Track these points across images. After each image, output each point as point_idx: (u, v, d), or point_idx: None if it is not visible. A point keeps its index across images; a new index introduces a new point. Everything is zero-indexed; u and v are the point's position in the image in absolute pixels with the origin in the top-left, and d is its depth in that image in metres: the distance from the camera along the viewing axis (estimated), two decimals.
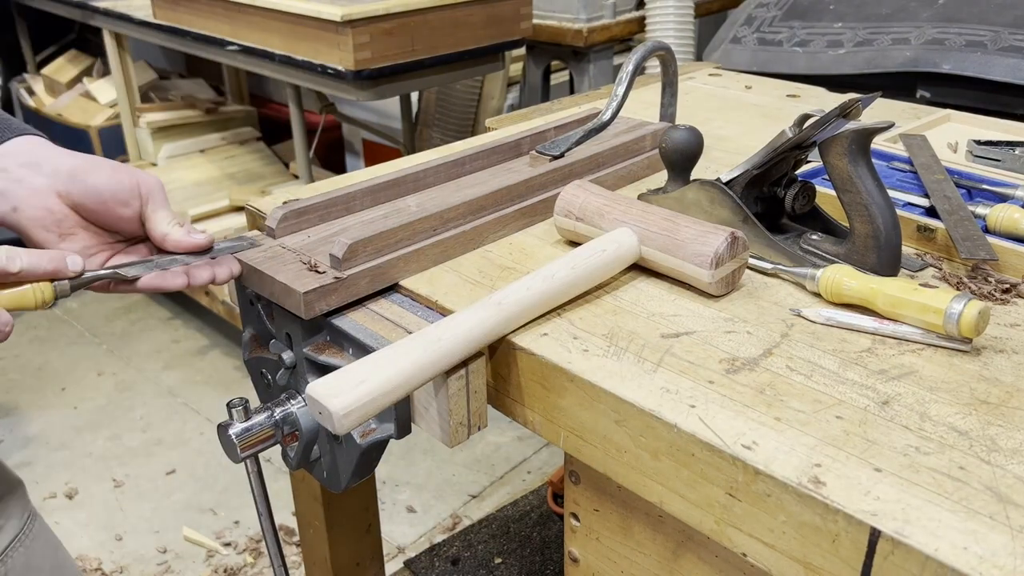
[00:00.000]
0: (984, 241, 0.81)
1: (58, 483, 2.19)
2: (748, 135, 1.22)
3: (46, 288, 0.70)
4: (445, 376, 0.69)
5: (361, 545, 1.17)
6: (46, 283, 0.70)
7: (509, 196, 0.92)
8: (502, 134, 1.19)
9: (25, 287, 0.69)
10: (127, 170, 0.76)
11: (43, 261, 0.69)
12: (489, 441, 2.34)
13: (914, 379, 0.65)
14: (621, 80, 1.00)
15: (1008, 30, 1.60)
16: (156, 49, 3.81)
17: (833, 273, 0.75)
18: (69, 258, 0.71)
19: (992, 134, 1.14)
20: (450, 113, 2.92)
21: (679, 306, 0.76)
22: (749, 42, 1.95)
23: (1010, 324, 0.73)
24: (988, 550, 0.49)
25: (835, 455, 0.57)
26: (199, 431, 2.39)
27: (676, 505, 0.62)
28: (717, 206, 0.87)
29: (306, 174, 2.38)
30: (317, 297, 0.76)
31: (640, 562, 0.75)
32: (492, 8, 2.01)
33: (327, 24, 1.80)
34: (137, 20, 2.46)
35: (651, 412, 0.62)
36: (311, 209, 0.88)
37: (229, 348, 2.77)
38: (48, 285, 0.70)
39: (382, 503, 2.09)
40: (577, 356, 0.69)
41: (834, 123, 0.78)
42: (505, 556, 1.47)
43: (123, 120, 2.90)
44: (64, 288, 0.71)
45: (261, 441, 0.78)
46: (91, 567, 1.93)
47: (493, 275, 0.83)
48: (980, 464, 0.56)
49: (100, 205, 0.75)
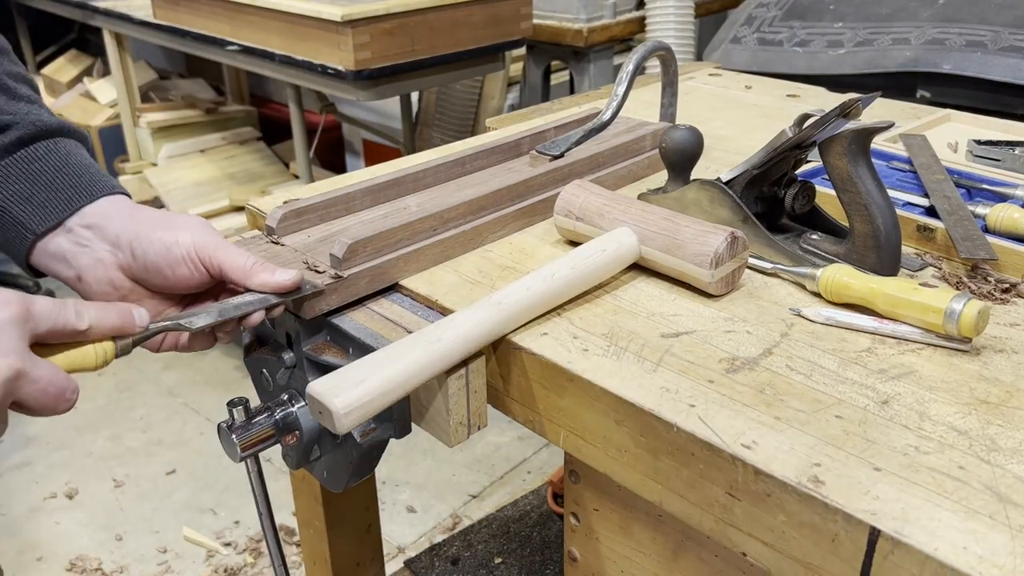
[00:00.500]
0: (984, 241, 0.81)
1: (58, 483, 2.19)
2: (748, 135, 1.22)
3: (108, 347, 0.64)
4: (445, 376, 0.69)
5: (361, 545, 1.17)
6: (108, 341, 0.64)
7: (509, 196, 0.92)
8: (502, 134, 1.19)
9: (86, 347, 0.63)
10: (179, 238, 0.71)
11: (111, 316, 0.64)
12: (489, 441, 2.34)
13: (914, 379, 0.65)
14: (621, 80, 1.00)
15: (1008, 30, 1.60)
16: (156, 49, 3.81)
17: (833, 273, 0.75)
18: (136, 311, 0.66)
19: (992, 134, 1.14)
20: (450, 113, 2.92)
21: (679, 306, 0.76)
22: (749, 42, 1.95)
23: (1010, 324, 0.73)
24: (988, 550, 0.49)
25: (835, 455, 0.57)
26: (199, 431, 2.39)
27: (676, 505, 0.62)
28: (717, 206, 0.87)
29: (306, 174, 2.38)
30: (317, 297, 0.76)
31: (640, 562, 0.75)
32: (492, 8, 2.01)
33: (327, 24, 1.80)
34: (137, 20, 2.46)
35: (651, 412, 0.62)
36: (311, 209, 0.88)
37: (229, 348, 2.77)
38: (110, 344, 0.64)
39: (382, 503, 2.09)
40: (577, 356, 0.69)
41: (834, 123, 0.78)
42: (505, 556, 1.47)
43: (123, 120, 2.90)
44: (126, 345, 0.65)
45: (261, 441, 0.78)
46: (91, 567, 1.93)
47: (493, 275, 0.83)
48: (980, 464, 0.56)
49: (161, 278, 0.72)
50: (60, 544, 2.00)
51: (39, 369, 0.59)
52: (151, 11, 2.37)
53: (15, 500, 2.14)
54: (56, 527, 2.05)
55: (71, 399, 0.62)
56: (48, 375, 0.59)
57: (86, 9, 2.71)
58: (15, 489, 2.18)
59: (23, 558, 1.96)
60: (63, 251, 0.72)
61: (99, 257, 0.71)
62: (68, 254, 0.72)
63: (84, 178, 0.73)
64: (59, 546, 2.00)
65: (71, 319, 0.61)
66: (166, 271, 0.71)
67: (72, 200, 0.72)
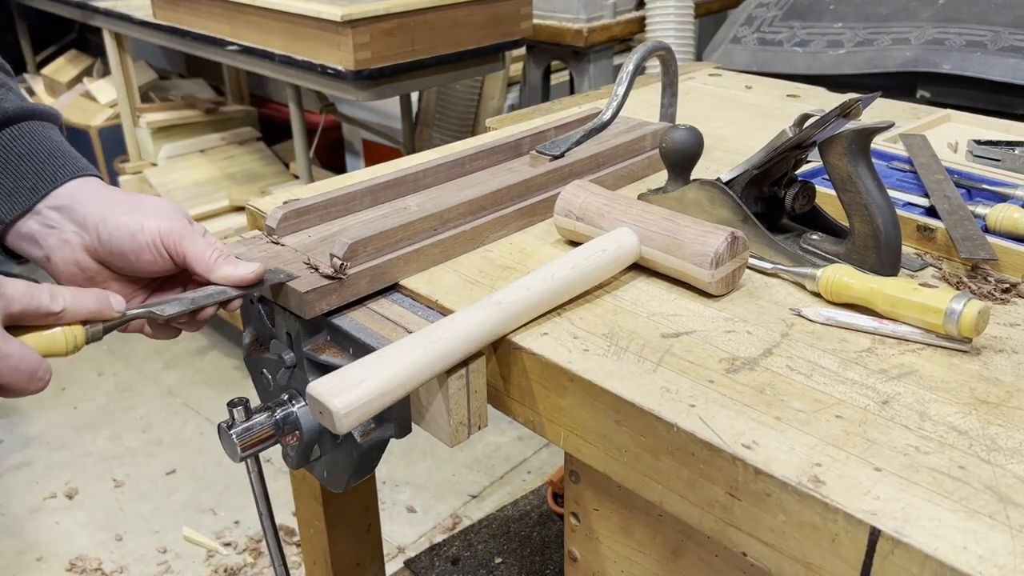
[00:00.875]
0: (984, 241, 0.81)
1: (58, 483, 2.19)
2: (748, 135, 1.22)
3: (78, 332, 0.64)
4: (445, 376, 0.69)
5: (361, 545, 1.17)
6: (78, 326, 0.64)
7: (509, 196, 0.92)
8: (502, 134, 1.19)
9: (56, 330, 0.63)
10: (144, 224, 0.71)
11: (87, 300, 0.65)
12: (489, 441, 2.34)
13: (914, 379, 0.65)
14: (621, 80, 1.00)
15: (1008, 30, 1.60)
16: (156, 49, 3.81)
17: (833, 273, 0.75)
18: (112, 298, 0.67)
19: (992, 134, 1.14)
20: (450, 113, 2.92)
21: (679, 306, 0.76)
22: (749, 42, 1.95)
23: (1010, 324, 0.73)
24: (988, 550, 0.49)
25: (835, 455, 0.57)
26: (199, 431, 2.39)
27: (676, 505, 0.62)
28: (717, 206, 0.87)
29: (306, 174, 2.38)
30: (317, 297, 0.76)
31: (640, 562, 0.75)
32: (492, 8, 2.01)
33: (327, 24, 1.81)
34: (137, 20, 2.46)
35: (651, 412, 0.62)
36: (311, 209, 0.88)
37: (229, 348, 2.77)
38: (80, 328, 0.64)
39: (382, 503, 2.09)
40: (577, 356, 0.69)
41: (834, 123, 0.78)
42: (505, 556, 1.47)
43: (123, 120, 2.90)
44: (96, 331, 0.65)
45: (261, 441, 0.78)
46: (91, 567, 1.93)
47: (493, 275, 0.83)
48: (980, 464, 0.56)
49: (126, 263, 0.72)
50: (60, 544, 2.00)
51: (11, 346, 0.59)
52: (151, 11, 2.37)
53: (15, 500, 2.14)
54: (56, 527, 2.06)
55: (44, 379, 0.62)
56: (20, 352, 0.60)
57: (86, 9, 2.71)
58: (15, 489, 2.18)
59: (23, 558, 1.96)
60: (32, 232, 0.73)
61: (66, 239, 0.72)
62: (37, 235, 0.73)
63: (50, 163, 0.74)
64: (59, 546, 2.00)
65: (45, 301, 0.62)
66: (130, 256, 0.72)
67: (37, 187, 0.72)
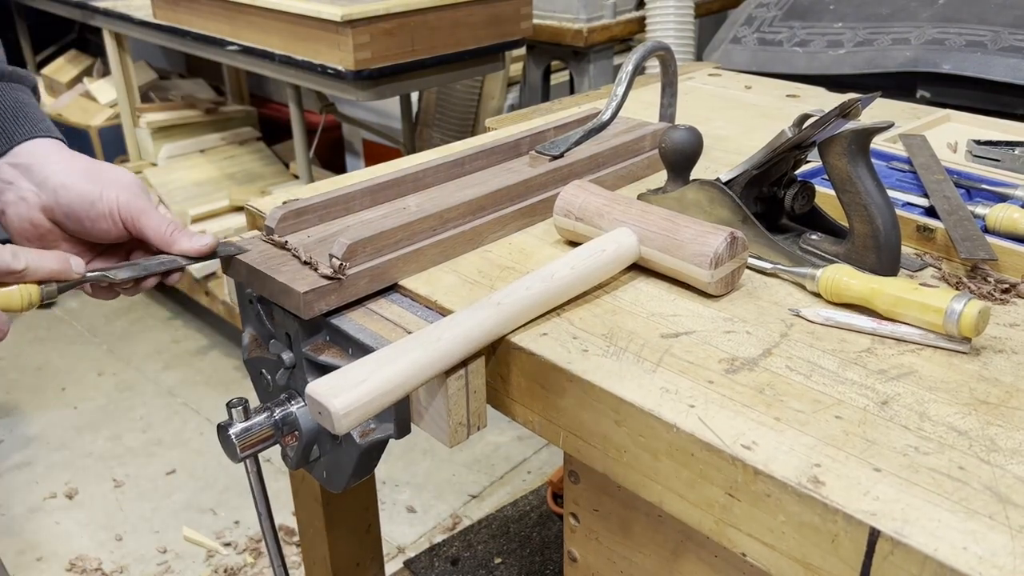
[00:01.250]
0: (983, 241, 0.81)
1: (58, 483, 2.19)
2: (748, 135, 1.22)
3: (33, 291, 0.69)
4: (445, 376, 0.69)
5: (361, 545, 1.17)
6: (33, 285, 0.69)
7: (509, 196, 0.92)
8: (502, 134, 1.19)
9: (13, 288, 0.68)
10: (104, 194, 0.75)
11: (48, 261, 0.69)
12: (489, 441, 2.34)
13: (913, 379, 0.65)
14: (621, 80, 1.00)
15: (1008, 30, 1.60)
16: (156, 49, 3.81)
17: (833, 273, 0.75)
18: (72, 260, 0.71)
19: (992, 134, 1.14)
20: (450, 113, 2.92)
21: (678, 306, 0.76)
22: (749, 42, 1.95)
23: (1010, 324, 0.73)
24: (988, 550, 0.49)
25: (834, 455, 0.57)
26: (199, 431, 2.39)
27: (676, 505, 0.62)
28: (717, 206, 0.87)
29: (306, 174, 2.38)
30: (316, 297, 0.76)
31: (640, 562, 0.75)
32: (492, 8, 2.01)
33: (327, 24, 1.80)
34: (137, 20, 2.46)
35: (651, 412, 0.62)
36: (311, 209, 0.88)
37: (229, 348, 2.77)
38: (35, 288, 0.69)
39: (382, 503, 2.09)
40: (577, 356, 0.69)
41: (834, 123, 0.78)
42: (505, 556, 1.47)
43: (123, 120, 2.90)
44: (51, 291, 0.70)
45: (261, 441, 0.78)
46: (91, 567, 1.93)
47: (493, 275, 0.83)
48: (980, 464, 0.56)
49: (80, 227, 0.75)
50: (60, 544, 2.00)
51: None
52: (151, 11, 2.37)
53: (15, 500, 2.15)
54: (56, 527, 2.06)
55: (3, 330, 0.67)
56: None
57: (86, 9, 2.71)
58: (15, 489, 2.18)
59: (23, 558, 1.96)
60: None
61: (23, 196, 0.74)
62: None
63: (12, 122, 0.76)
64: (59, 546, 2.00)
65: (7, 259, 0.66)
66: (86, 222, 0.75)
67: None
